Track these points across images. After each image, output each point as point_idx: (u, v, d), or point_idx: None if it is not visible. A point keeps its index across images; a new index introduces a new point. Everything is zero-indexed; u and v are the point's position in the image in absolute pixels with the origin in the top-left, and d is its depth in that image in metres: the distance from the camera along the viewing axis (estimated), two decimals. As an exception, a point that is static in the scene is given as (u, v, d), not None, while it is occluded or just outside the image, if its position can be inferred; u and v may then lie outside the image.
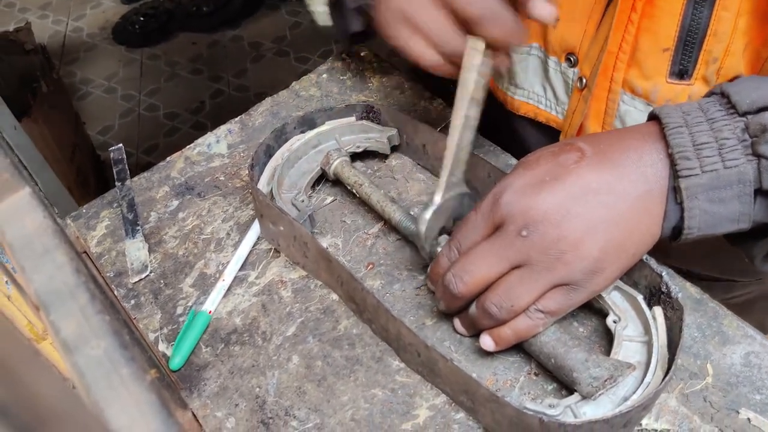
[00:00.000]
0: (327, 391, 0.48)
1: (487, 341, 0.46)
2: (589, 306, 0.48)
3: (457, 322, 0.49)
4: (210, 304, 0.54)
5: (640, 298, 0.47)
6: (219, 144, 0.67)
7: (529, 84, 0.61)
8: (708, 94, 0.44)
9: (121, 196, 0.62)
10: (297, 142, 0.60)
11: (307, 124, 0.62)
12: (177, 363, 0.51)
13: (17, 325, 0.42)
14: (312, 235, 0.52)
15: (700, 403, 0.45)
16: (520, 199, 0.43)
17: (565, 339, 0.45)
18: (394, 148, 0.62)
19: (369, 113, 0.62)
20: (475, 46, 0.44)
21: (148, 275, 0.57)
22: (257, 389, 0.49)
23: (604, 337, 0.49)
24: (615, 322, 0.46)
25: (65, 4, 2.68)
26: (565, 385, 0.46)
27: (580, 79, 0.56)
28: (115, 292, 0.56)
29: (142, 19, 2.49)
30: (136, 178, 0.64)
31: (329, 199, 0.61)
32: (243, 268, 0.56)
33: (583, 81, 0.55)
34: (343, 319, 0.52)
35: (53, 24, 2.59)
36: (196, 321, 0.52)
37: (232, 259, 0.56)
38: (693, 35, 0.48)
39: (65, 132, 1.68)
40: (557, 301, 0.43)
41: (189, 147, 0.67)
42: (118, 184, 0.63)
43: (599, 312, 0.50)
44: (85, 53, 2.46)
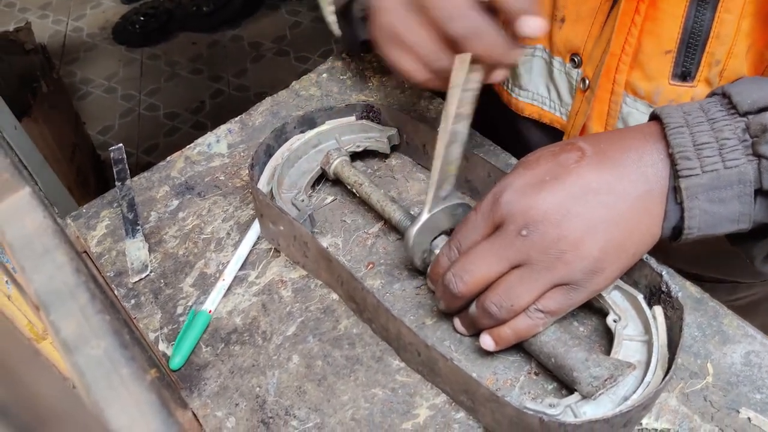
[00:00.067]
0: (327, 391, 0.48)
1: (487, 341, 0.46)
2: (589, 305, 0.48)
3: (457, 322, 0.49)
4: (210, 304, 0.54)
5: (640, 297, 0.47)
6: (219, 144, 0.67)
7: (533, 85, 0.61)
8: (709, 94, 0.44)
9: (121, 196, 0.62)
10: (297, 141, 0.60)
11: (307, 123, 0.61)
12: (177, 363, 0.51)
13: (17, 324, 0.42)
14: (312, 234, 0.52)
15: (701, 403, 0.45)
16: (521, 198, 0.43)
17: (565, 338, 0.45)
18: (394, 148, 0.62)
19: (369, 113, 0.62)
20: (462, 62, 0.44)
21: (148, 275, 0.57)
22: (257, 389, 0.49)
23: (604, 336, 0.49)
24: (615, 321, 0.46)
25: (65, 4, 2.68)
26: (566, 385, 0.46)
27: (583, 80, 0.56)
28: (116, 292, 0.56)
29: (142, 18, 2.49)
30: (136, 178, 0.64)
31: (329, 198, 0.61)
32: (243, 267, 0.56)
33: (586, 82, 0.55)
34: (344, 318, 0.52)
35: (53, 24, 2.60)
36: (196, 321, 0.52)
37: (232, 258, 0.56)
38: (695, 37, 0.48)
39: (65, 132, 1.68)
40: (557, 301, 0.43)
41: (189, 147, 0.67)
42: (118, 183, 0.63)
43: (599, 311, 0.49)
44: (85, 53, 2.46)
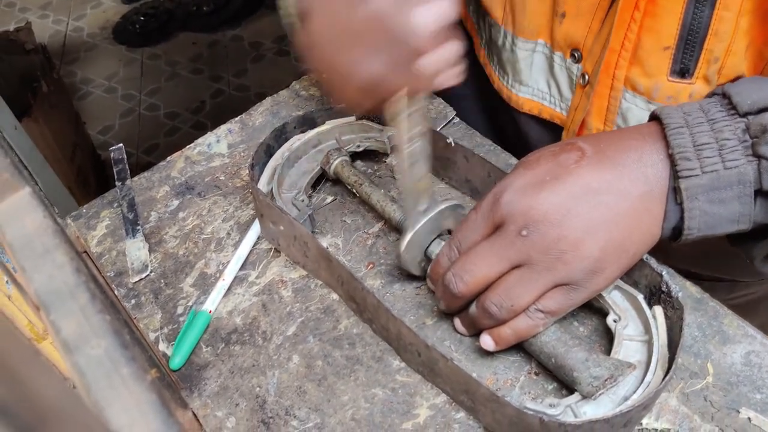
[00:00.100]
0: (327, 391, 0.48)
1: (487, 341, 0.46)
2: (589, 305, 0.48)
3: (457, 322, 0.49)
4: (210, 304, 0.54)
5: (640, 297, 0.47)
6: (219, 143, 0.67)
7: (534, 81, 0.61)
8: (709, 94, 0.44)
9: (121, 196, 0.62)
10: (297, 141, 0.60)
11: (307, 123, 0.61)
12: (177, 363, 0.51)
13: (17, 324, 0.42)
14: (312, 234, 0.52)
15: (701, 403, 0.45)
16: (521, 198, 0.43)
17: (565, 338, 0.45)
18: (394, 148, 0.62)
19: (369, 113, 0.62)
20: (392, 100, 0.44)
21: (148, 275, 0.57)
22: (257, 389, 0.49)
23: (605, 336, 0.49)
24: (615, 321, 0.46)
25: (66, 4, 2.68)
26: (566, 385, 0.46)
27: (583, 76, 0.56)
28: (116, 292, 0.56)
29: (143, 18, 2.50)
30: (136, 178, 0.64)
31: (329, 198, 0.61)
32: (243, 267, 0.56)
33: (586, 77, 0.55)
34: (344, 318, 0.52)
35: (54, 24, 2.60)
36: (196, 321, 0.52)
37: (232, 258, 0.56)
38: (694, 34, 0.48)
39: (66, 132, 1.68)
40: (557, 301, 0.43)
41: (189, 147, 0.67)
42: (118, 183, 0.63)
43: (599, 311, 0.49)
44: (85, 53, 2.46)
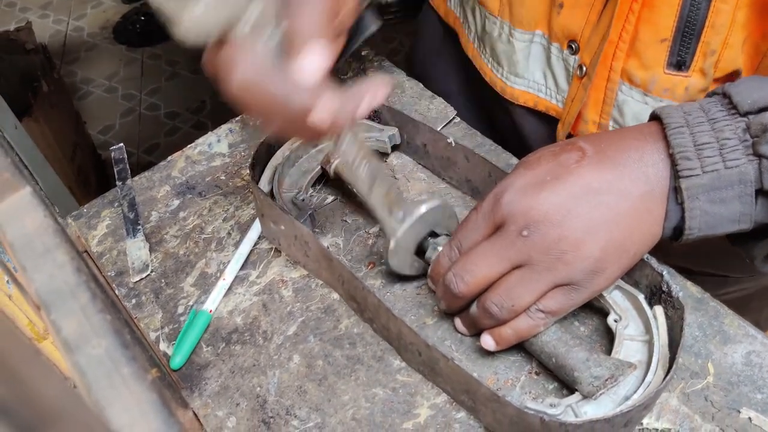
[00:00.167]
0: (328, 391, 0.48)
1: (488, 341, 0.46)
2: (589, 305, 0.48)
3: (457, 322, 0.49)
4: (211, 304, 0.54)
5: (641, 297, 0.47)
6: (220, 143, 0.67)
7: (530, 73, 0.61)
8: (709, 94, 0.44)
9: (122, 196, 0.62)
10: (297, 141, 0.60)
11: (307, 123, 0.61)
12: (178, 362, 0.51)
13: (18, 324, 0.42)
14: (313, 234, 0.52)
15: (701, 403, 0.45)
16: (521, 198, 0.43)
17: (566, 338, 0.45)
18: (395, 148, 0.62)
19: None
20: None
21: (149, 274, 0.57)
22: (258, 388, 0.49)
23: (605, 336, 0.49)
24: (616, 321, 0.46)
25: (66, 4, 2.68)
26: (566, 385, 0.46)
27: (580, 67, 0.55)
28: (116, 292, 0.56)
29: (143, 18, 2.50)
30: (137, 178, 0.64)
31: (330, 198, 0.61)
32: (244, 267, 0.56)
33: (583, 69, 0.55)
34: (344, 318, 0.52)
35: (54, 23, 2.60)
36: (196, 320, 0.52)
37: (232, 258, 0.56)
38: (691, 27, 0.48)
39: (66, 131, 1.68)
40: (558, 301, 0.43)
41: (190, 146, 0.67)
42: (119, 183, 0.63)
43: (600, 311, 0.49)
44: (85, 53, 2.47)
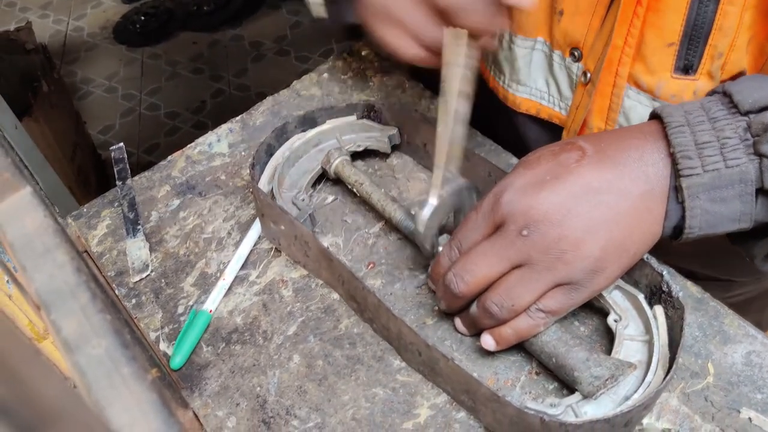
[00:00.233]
0: (328, 391, 0.48)
1: (488, 340, 0.46)
2: (589, 305, 0.48)
3: (458, 322, 0.49)
4: (211, 304, 0.54)
5: (641, 297, 0.47)
6: (220, 143, 0.67)
7: (532, 80, 0.61)
8: (710, 93, 0.44)
9: (122, 196, 0.62)
10: (298, 141, 0.60)
11: (308, 123, 0.61)
12: (178, 362, 0.51)
13: (18, 324, 0.42)
14: (313, 234, 0.52)
15: (701, 403, 0.45)
16: (521, 198, 0.43)
17: (566, 338, 0.45)
18: (395, 147, 0.62)
19: (370, 112, 0.62)
20: (456, 39, 0.45)
21: (149, 274, 0.57)
22: (258, 388, 0.49)
23: (605, 336, 0.49)
24: (616, 321, 0.46)
25: (66, 4, 2.68)
26: (567, 385, 0.46)
27: (585, 74, 0.55)
28: (116, 292, 0.56)
29: (143, 18, 2.50)
30: (137, 178, 0.64)
31: (330, 198, 0.61)
32: (244, 267, 0.56)
33: (588, 76, 0.55)
34: (344, 318, 0.52)
35: (54, 23, 2.60)
36: (197, 320, 0.52)
37: (233, 258, 0.56)
38: (698, 30, 0.48)
39: (66, 131, 1.68)
40: (558, 301, 0.43)
41: (190, 146, 0.67)
42: (119, 183, 0.63)
43: (600, 311, 0.49)
44: (85, 53, 2.47)
